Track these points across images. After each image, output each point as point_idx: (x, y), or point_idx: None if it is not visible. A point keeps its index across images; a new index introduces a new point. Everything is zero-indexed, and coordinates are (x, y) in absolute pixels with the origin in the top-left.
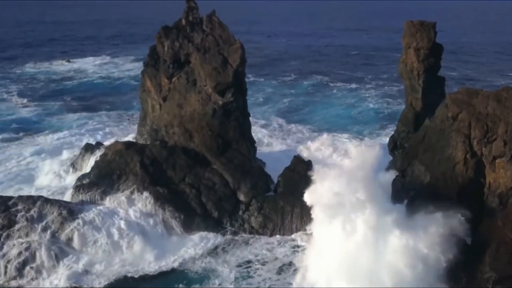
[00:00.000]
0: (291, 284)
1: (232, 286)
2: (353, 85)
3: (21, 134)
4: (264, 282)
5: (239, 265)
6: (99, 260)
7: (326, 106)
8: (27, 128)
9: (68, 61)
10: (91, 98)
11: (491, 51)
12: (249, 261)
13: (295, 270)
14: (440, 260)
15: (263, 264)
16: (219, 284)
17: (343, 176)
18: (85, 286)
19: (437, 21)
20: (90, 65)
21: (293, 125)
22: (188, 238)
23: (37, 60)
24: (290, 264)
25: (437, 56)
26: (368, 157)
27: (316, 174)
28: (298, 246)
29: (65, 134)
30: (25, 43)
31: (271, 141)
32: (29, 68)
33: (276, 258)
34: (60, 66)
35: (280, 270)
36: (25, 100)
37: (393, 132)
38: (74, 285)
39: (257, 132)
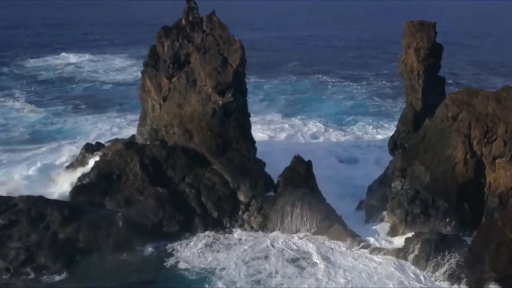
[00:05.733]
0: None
1: (236, 285)
2: (353, 85)
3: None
4: (270, 279)
5: (242, 264)
6: (100, 260)
7: (326, 105)
8: (28, 129)
9: (68, 61)
10: (90, 97)
11: (491, 51)
12: (252, 260)
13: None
14: None
15: (267, 262)
16: (221, 284)
17: None
18: (86, 286)
19: (437, 21)
20: (89, 65)
21: (293, 123)
22: (188, 238)
23: (37, 59)
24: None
25: (437, 56)
26: None
27: None
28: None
29: (65, 134)
30: (25, 42)
31: (271, 141)
32: (29, 67)
33: (281, 256)
34: (60, 66)
35: (285, 268)
36: (26, 102)
37: (392, 130)
38: (74, 284)
39: (257, 132)
